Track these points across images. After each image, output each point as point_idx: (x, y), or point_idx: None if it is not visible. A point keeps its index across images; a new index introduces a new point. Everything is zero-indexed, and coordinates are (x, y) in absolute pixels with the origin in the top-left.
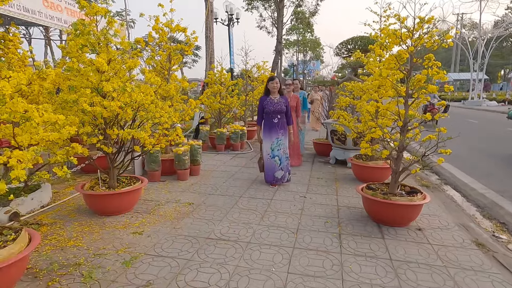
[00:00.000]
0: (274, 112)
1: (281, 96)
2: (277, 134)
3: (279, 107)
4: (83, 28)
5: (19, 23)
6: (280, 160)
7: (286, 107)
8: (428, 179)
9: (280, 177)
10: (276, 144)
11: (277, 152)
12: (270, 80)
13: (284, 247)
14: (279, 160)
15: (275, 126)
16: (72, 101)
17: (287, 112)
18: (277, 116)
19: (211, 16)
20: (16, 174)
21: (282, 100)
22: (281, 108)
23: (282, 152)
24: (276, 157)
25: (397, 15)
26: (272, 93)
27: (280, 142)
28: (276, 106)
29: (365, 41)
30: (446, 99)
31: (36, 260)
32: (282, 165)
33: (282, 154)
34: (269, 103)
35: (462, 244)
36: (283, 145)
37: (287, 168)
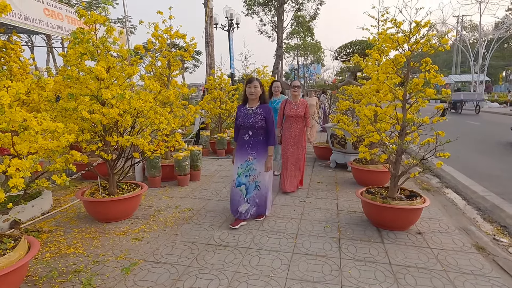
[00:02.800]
0: (245, 127)
1: (262, 105)
2: (246, 156)
3: (252, 120)
4: (82, 36)
5: (21, 32)
6: (247, 190)
7: (266, 120)
8: (428, 182)
9: (243, 212)
10: (245, 169)
11: (244, 179)
12: (248, 83)
13: (284, 252)
14: (245, 190)
15: (245, 145)
16: (71, 109)
17: (267, 127)
18: (249, 132)
19: (211, 22)
20: (14, 183)
21: (260, 112)
22: (255, 122)
23: (251, 179)
24: (243, 185)
25: (393, 20)
26: (250, 101)
27: (250, 166)
28: (249, 119)
29: (363, 45)
30: (446, 102)
31: (36, 267)
32: (248, 197)
33: (251, 182)
34: (242, 114)
35: (462, 248)
36: (254, 171)
37: (254, 201)
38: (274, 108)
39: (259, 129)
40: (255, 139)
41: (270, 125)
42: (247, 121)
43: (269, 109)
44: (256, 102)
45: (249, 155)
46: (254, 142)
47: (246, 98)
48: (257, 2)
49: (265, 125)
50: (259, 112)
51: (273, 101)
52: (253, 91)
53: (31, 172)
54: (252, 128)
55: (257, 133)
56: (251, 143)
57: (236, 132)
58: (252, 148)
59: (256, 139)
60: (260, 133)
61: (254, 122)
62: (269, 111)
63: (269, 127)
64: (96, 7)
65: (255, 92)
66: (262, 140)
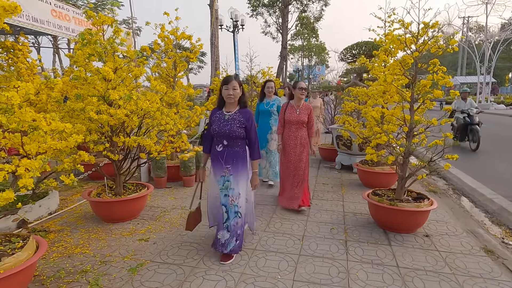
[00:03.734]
0: (219, 135)
1: (241, 110)
2: (221, 170)
3: (229, 127)
4: (90, 37)
5: (28, 33)
6: (228, 214)
7: (246, 129)
8: (435, 185)
9: (223, 241)
10: (222, 186)
11: (223, 198)
12: (224, 84)
13: (290, 254)
14: (226, 214)
15: (219, 157)
16: (79, 109)
17: (249, 138)
18: (223, 141)
19: (217, 23)
20: (24, 183)
21: (240, 118)
22: (232, 130)
23: (230, 201)
24: (223, 206)
25: (401, 21)
26: (228, 105)
27: (227, 184)
28: (225, 125)
29: (369, 46)
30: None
31: (43, 267)
32: (229, 223)
33: (230, 205)
34: (217, 120)
35: (470, 251)
36: (232, 191)
37: (235, 231)
38: (268, 111)
39: (237, 138)
40: (230, 150)
41: (253, 134)
42: (222, 128)
43: (250, 115)
44: (234, 106)
45: (224, 169)
46: (229, 154)
47: (222, 101)
48: (262, 4)
49: (244, 134)
50: (238, 118)
51: (266, 103)
52: (232, 93)
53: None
54: (227, 137)
55: (233, 143)
56: (225, 155)
57: (207, 141)
58: (226, 161)
59: (231, 150)
60: (237, 144)
61: (231, 130)
62: (251, 117)
63: (251, 137)
64: (101, 8)
65: (234, 94)
66: (239, 151)
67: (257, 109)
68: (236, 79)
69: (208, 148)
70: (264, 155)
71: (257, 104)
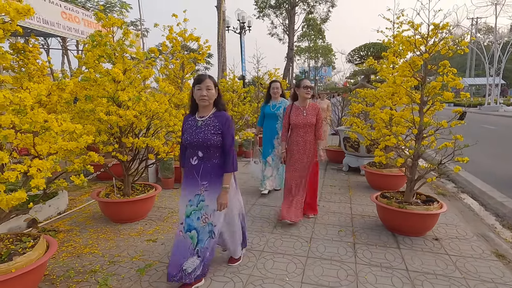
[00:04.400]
0: (192, 146)
1: (217, 114)
2: (197, 187)
3: (203, 135)
4: (100, 39)
5: (38, 34)
6: (198, 238)
7: (223, 134)
8: (444, 187)
9: (190, 271)
10: (196, 206)
11: (196, 221)
12: (197, 83)
13: (298, 256)
14: (196, 238)
15: (193, 172)
16: (89, 110)
17: (224, 145)
18: (197, 153)
19: (224, 25)
20: (36, 183)
21: (215, 123)
22: (206, 139)
23: (202, 222)
24: (193, 230)
25: (410, 22)
26: (201, 109)
27: (202, 203)
28: (198, 133)
29: (377, 48)
30: (462, 105)
31: (53, 266)
32: (200, 247)
33: (202, 226)
34: (189, 128)
35: (481, 255)
36: (207, 208)
37: (204, 253)
38: (274, 114)
39: (213, 148)
40: (207, 164)
41: (228, 141)
42: (195, 137)
43: (226, 118)
44: (209, 109)
45: (200, 187)
46: (206, 168)
47: (195, 106)
48: (269, 5)
49: (221, 141)
50: (213, 124)
51: (272, 105)
52: (205, 94)
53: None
54: (202, 147)
55: (210, 155)
56: (201, 169)
57: (182, 152)
58: (203, 176)
59: (208, 164)
60: (215, 155)
61: (205, 138)
62: (228, 121)
63: (226, 143)
64: (110, 10)
65: (208, 95)
66: (218, 164)
67: (262, 112)
68: (211, 78)
69: (184, 161)
70: (271, 162)
71: (262, 106)
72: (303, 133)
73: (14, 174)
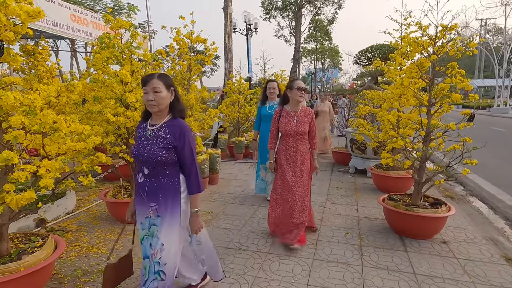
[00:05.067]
0: (138, 160)
1: (171, 122)
2: (145, 209)
3: (149, 148)
4: (108, 41)
5: (48, 37)
6: (149, 269)
7: (176, 149)
8: (452, 190)
9: None
10: (148, 231)
11: (148, 249)
12: (143, 85)
13: (304, 258)
14: (147, 270)
15: (139, 191)
16: (97, 112)
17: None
18: (143, 169)
19: (230, 27)
20: (45, 183)
21: (165, 134)
22: (152, 153)
23: (155, 252)
24: (147, 259)
25: (418, 23)
26: (153, 116)
27: (153, 229)
28: (144, 147)
29: (385, 49)
30: (471, 107)
31: (61, 266)
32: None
33: (155, 257)
34: (137, 139)
35: (490, 259)
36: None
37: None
38: (271, 116)
39: (161, 165)
40: (152, 182)
41: (188, 158)
42: (141, 150)
43: (182, 129)
44: (161, 116)
45: (149, 209)
46: (152, 188)
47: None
48: (275, 7)
49: (173, 157)
50: (163, 135)
51: (269, 106)
52: (152, 98)
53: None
54: (147, 163)
55: (157, 172)
56: (146, 188)
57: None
58: (150, 197)
59: (154, 183)
60: (163, 172)
61: (151, 152)
62: (184, 132)
63: (185, 161)
64: (118, 13)
65: (156, 100)
66: (168, 183)
67: (258, 114)
68: (161, 78)
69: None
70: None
71: (258, 108)
72: (293, 142)
73: (23, 174)
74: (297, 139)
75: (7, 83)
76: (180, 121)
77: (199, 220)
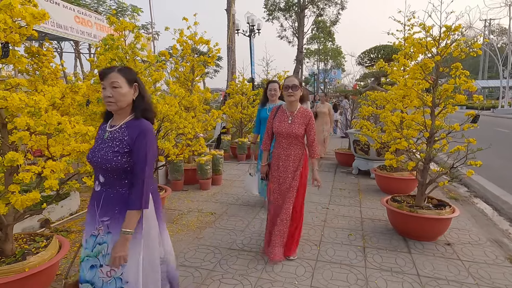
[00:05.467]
0: (93, 166)
1: (132, 122)
2: (93, 224)
3: (104, 153)
4: (112, 42)
5: (52, 38)
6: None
7: (132, 153)
8: (456, 191)
9: None
10: (91, 251)
11: (87, 272)
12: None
13: (307, 259)
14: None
15: (94, 203)
16: (101, 113)
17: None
18: (99, 177)
19: (233, 28)
20: (49, 184)
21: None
22: (106, 159)
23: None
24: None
25: (422, 24)
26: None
27: (100, 248)
28: (99, 150)
29: (388, 50)
30: (475, 108)
31: (65, 266)
32: None
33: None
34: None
35: (495, 261)
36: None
37: None
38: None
39: (117, 172)
40: (109, 192)
41: (139, 163)
42: (95, 155)
43: (141, 130)
44: (122, 116)
45: (98, 224)
46: (108, 199)
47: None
48: (278, 8)
49: (131, 164)
50: (120, 137)
51: (269, 109)
52: (109, 95)
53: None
54: (102, 170)
55: (114, 180)
56: (101, 199)
57: None
58: (103, 211)
59: (111, 193)
60: (121, 181)
61: (104, 158)
62: (142, 134)
63: (136, 166)
64: (122, 14)
65: (115, 96)
66: (125, 193)
67: (258, 116)
68: (122, 72)
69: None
70: None
71: (258, 110)
72: (286, 145)
73: (28, 175)
74: (290, 142)
75: (12, 84)
76: (142, 121)
77: (125, 248)
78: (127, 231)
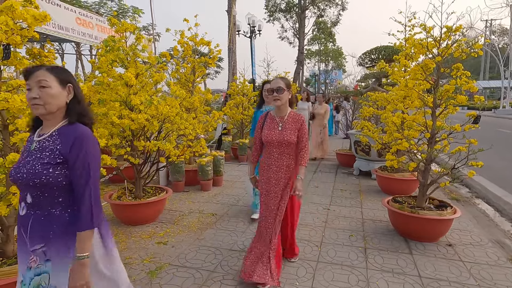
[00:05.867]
0: (17, 183)
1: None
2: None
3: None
4: (113, 44)
5: (54, 40)
6: None
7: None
8: (458, 192)
9: None
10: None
11: None
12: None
13: (308, 260)
14: None
15: (21, 229)
16: (102, 114)
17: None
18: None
19: (234, 29)
20: None
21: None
22: (30, 173)
23: None
24: None
25: (423, 25)
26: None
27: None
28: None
29: (389, 51)
30: (476, 109)
31: None
32: None
33: None
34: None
35: (496, 262)
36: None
37: None
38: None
39: (49, 188)
40: (39, 215)
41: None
42: (19, 170)
43: (79, 136)
44: (54, 122)
45: (31, 255)
46: (38, 222)
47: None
48: (279, 9)
49: (65, 177)
50: (51, 147)
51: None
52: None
53: None
54: (29, 187)
55: (45, 199)
56: (29, 225)
57: None
58: (34, 237)
59: (42, 215)
60: (55, 200)
61: (31, 171)
62: (78, 141)
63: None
64: (122, 16)
65: (43, 98)
66: (62, 215)
67: (254, 119)
68: (52, 70)
69: None
70: None
71: (254, 112)
72: (277, 155)
73: None
74: (282, 152)
75: (13, 86)
76: (78, 126)
77: (85, 275)
78: (82, 255)
